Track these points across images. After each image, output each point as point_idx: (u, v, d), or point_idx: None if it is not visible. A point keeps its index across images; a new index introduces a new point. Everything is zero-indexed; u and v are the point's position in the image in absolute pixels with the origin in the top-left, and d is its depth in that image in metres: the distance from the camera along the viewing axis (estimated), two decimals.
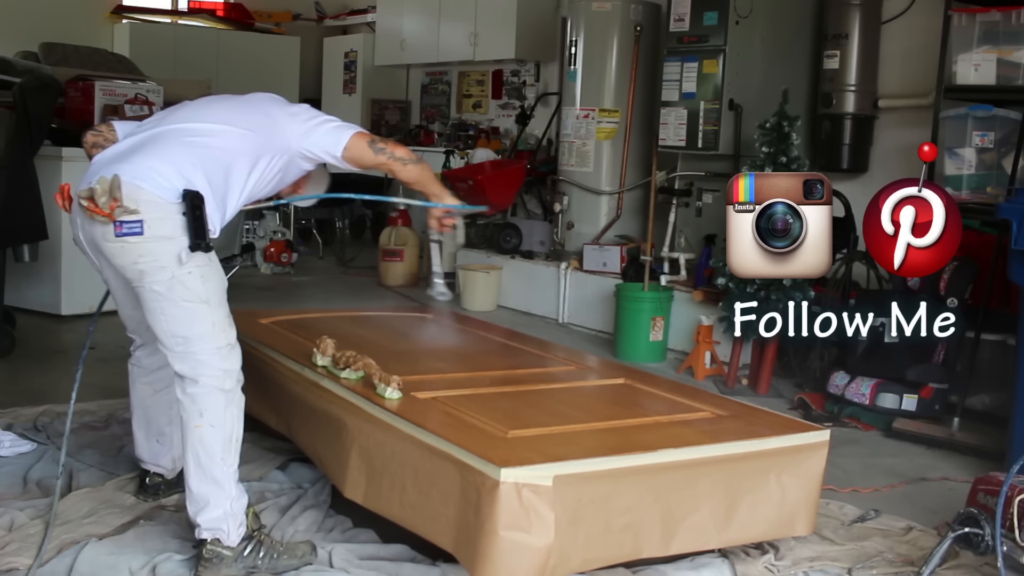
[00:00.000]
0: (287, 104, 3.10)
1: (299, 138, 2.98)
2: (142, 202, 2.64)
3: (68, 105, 6.20)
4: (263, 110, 3.01)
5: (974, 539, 2.68)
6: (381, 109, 10.64)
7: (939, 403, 4.47)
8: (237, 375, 2.81)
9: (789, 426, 3.11)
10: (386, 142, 3.05)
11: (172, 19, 11.42)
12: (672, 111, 6.18)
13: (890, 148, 5.79)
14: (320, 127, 3.01)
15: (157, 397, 3.16)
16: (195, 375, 2.74)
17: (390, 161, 3.03)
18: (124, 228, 2.63)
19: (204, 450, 2.73)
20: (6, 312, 5.28)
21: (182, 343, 2.74)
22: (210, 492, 2.73)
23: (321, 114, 3.09)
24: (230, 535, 2.74)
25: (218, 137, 2.86)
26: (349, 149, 2.99)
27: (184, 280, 2.69)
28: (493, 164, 7.72)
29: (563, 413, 3.07)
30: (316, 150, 3.00)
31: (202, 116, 2.93)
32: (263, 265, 8.15)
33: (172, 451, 3.21)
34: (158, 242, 2.66)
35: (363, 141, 3.00)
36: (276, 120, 2.98)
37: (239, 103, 3.04)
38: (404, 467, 2.74)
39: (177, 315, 2.72)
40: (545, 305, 6.81)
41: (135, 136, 2.87)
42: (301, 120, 3.01)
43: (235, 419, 2.80)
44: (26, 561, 2.74)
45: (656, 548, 2.71)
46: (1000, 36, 4.52)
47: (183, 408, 2.76)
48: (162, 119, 2.96)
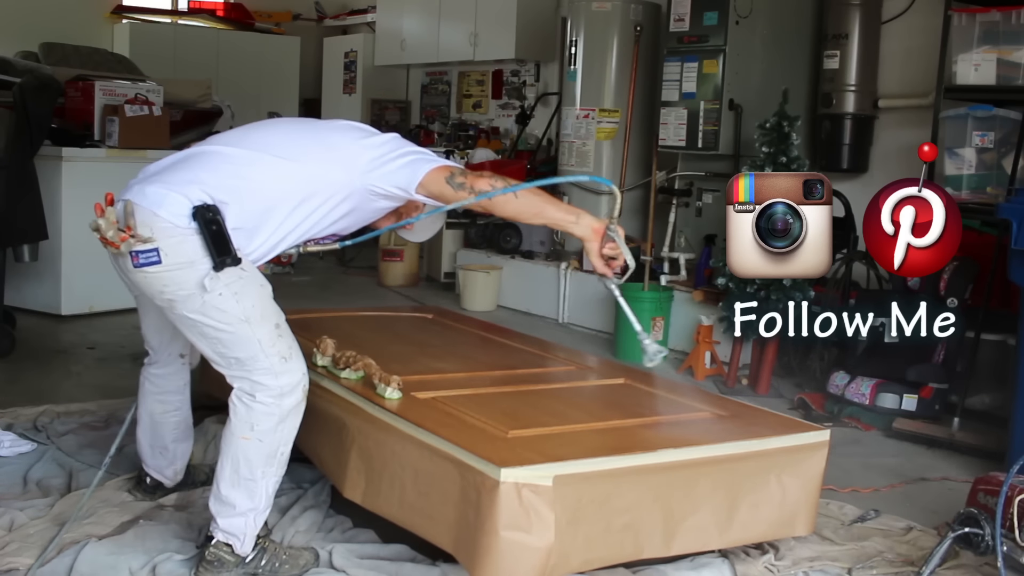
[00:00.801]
0: (366, 134, 2.77)
1: (365, 173, 2.65)
2: (156, 229, 2.50)
3: (68, 105, 6.21)
4: (327, 140, 2.72)
5: (974, 539, 2.68)
6: (381, 109, 10.64)
7: (939, 403, 4.47)
8: (298, 387, 2.67)
9: (789, 426, 3.11)
10: (467, 175, 2.61)
11: (172, 19, 11.42)
12: (672, 111, 6.18)
13: (890, 148, 5.79)
14: (394, 161, 2.65)
15: (166, 417, 3.12)
16: (252, 391, 2.62)
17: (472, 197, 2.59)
18: (141, 259, 2.50)
19: (245, 462, 2.63)
20: (6, 312, 5.28)
21: (235, 365, 2.62)
22: (238, 500, 2.65)
23: (407, 145, 2.72)
24: (244, 545, 2.69)
25: (256, 167, 2.63)
26: (425, 186, 2.61)
27: (216, 303, 2.54)
28: (493, 164, 7.72)
29: (563, 413, 3.06)
30: (387, 186, 2.66)
31: (248, 141, 2.71)
32: (263, 265, 8.14)
33: (174, 464, 3.20)
34: (179, 270, 2.52)
35: (441, 176, 2.60)
36: (339, 151, 2.68)
37: (302, 128, 2.80)
38: (404, 467, 2.74)
39: (220, 339, 2.59)
40: (545, 305, 6.81)
41: (175, 154, 2.73)
42: (375, 153, 2.67)
43: (287, 434, 2.68)
44: (26, 561, 2.74)
45: (657, 548, 2.71)
46: (1000, 36, 4.52)
47: (234, 413, 2.64)
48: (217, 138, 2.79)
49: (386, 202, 2.76)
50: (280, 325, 2.67)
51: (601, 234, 2.65)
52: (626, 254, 2.63)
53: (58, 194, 5.72)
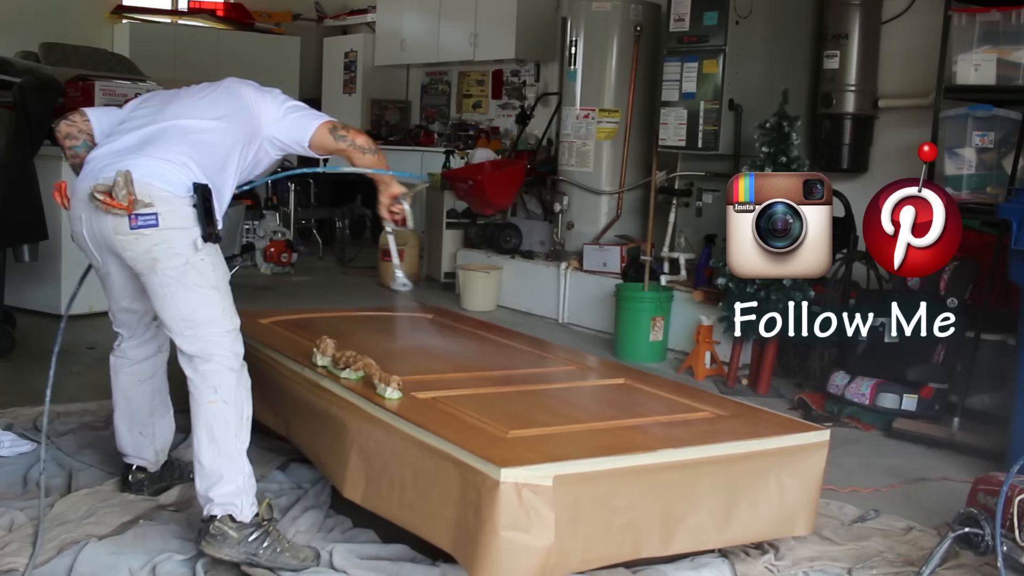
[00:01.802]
0: (260, 89, 3.12)
1: (271, 125, 3.03)
2: (156, 197, 2.72)
3: (68, 105, 6.19)
4: (241, 97, 3.05)
5: (974, 539, 2.68)
6: (381, 109, 10.64)
7: (939, 403, 4.47)
8: (243, 360, 2.87)
9: (789, 426, 3.11)
10: (348, 129, 3.09)
11: (172, 19, 11.42)
12: (672, 111, 6.18)
13: (890, 148, 5.79)
14: (289, 114, 3.05)
15: (140, 387, 3.18)
16: (206, 355, 2.78)
17: (349, 148, 3.07)
18: (140, 220, 2.70)
19: (219, 425, 2.76)
20: (6, 312, 5.28)
21: (191, 326, 2.78)
22: (223, 466, 2.75)
23: (290, 99, 3.12)
24: (243, 510, 2.75)
25: (214, 134, 2.92)
26: (314, 139, 3.05)
27: (197, 266, 2.76)
28: (493, 164, 7.72)
29: (563, 413, 3.06)
30: (284, 138, 3.06)
31: (196, 112, 2.98)
32: (263, 265, 8.15)
33: (155, 443, 3.23)
34: (172, 232, 2.73)
35: (326, 128, 3.04)
36: (252, 105, 3.03)
37: (221, 94, 3.07)
38: (404, 467, 2.74)
39: (188, 299, 2.77)
40: (545, 305, 6.81)
41: (132, 133, 2.91)
42: (275, 106, 3.05)
43: (245, 397, 2.84)
44: (26, 561, 2.74)
45: (655, 548, 2.71)
46: (1000, 36, 4.53)
47: (194, 385, 2.79)
48: (154, 115, 2.97)
49: (276, 153, 3.10)
50: (234, 305, 2.90)
51: (395, 196, 3.23)
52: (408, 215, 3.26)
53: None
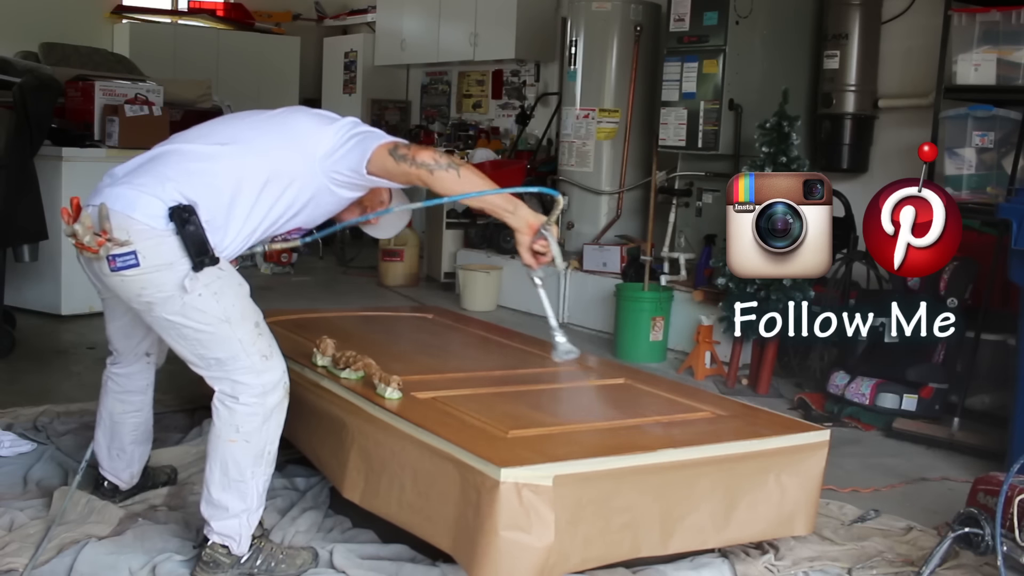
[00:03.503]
0: (325, 120, 2.70)
1: (323, 159, 2.61)
2: (133, 232, 2.46)
3: (68, 105, 6.21)
4: (286, 128, 2.68)
5: (974, 539, 2.68)
6: (381, 109, 10.64)
7: (939, 403, 4.47)
8: (280, 385, 2.67)
9: (789, 426, 3.11)
10: (409, 147, 2.59)
11: (172, 19, 11.42)
12: (672, 111, 6.18)
13: (890, 148, 5.79)
14: (347, 143, 2.61)
15: (125, 417, 3.08)
16: (235, 393, 2.60)
17: (414, 170, 2.55)
18: (118, 262, 2.47)
19: (234, 464, 2.62)
20: (6, 312, 5.28)
21: (215, 365, 2.60)
22: (231, 502, 2.65)
23: (360, 126, 2.67)
24: (240, 545, 2.69)
25: (222, 160, 2.60)
26: (373, 162, 2.58)
27: (196, 304, 2.52)
28: (493, 164, 7.72)
29: (563, 413, 3.06)
30: (342, 170, 2.62)
31: (211, 136, 2.70)
32: (263, 265, 8.15)
33: (131, 467, 3.15)
34: (158, 272, 2.49)
35: (385, 150, 2.58)
36: (298, 138, 2.64)
37: (262, 120, 2.75)
38: (403, 467, 2.74)
39: (200, 340, 2.56)
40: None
41: (139, 157, 2.68)
42: (331, 138, 2.63)
43: (273, 432, 2.67)
44: (26, 561, 2.74)
45: (655, 547, 2.70)
46: (1000, 36, 4.52)
47: (217, 417, 2.62)
48: (173, 137, 2.76)
49: (347, 191, 2.71)
50: (259, 324, 2.65)
51: (535, 230, 2.70)
52: (556, 255, 2.70)
53: (58, 194, 5.70)
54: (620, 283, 6.09)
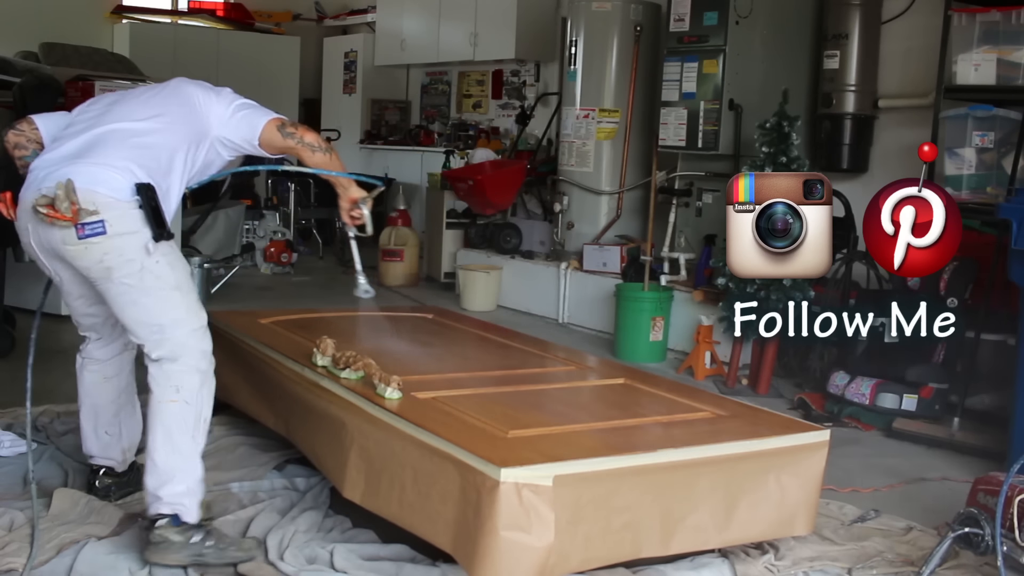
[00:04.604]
0: (210, 90, 3.06)
1: (220, 125, 2.98)
2: (100, 204, 2.68)
3: (68, 105, 6.13)
4: (187, 97, 2.99)
5: (974, 539, 2.68)
6: (381, 109, 10.64)
7: (939, 403, 4.47)
8: (211, 357, 2.86)
9: (789, 426, 3.11)
10: (297, 127, 3.03)
11: (172, 19, 11.42)
12: (672, 111, 6.18)
13: (890, 148, 5.79)
14: (238, 112, 3.00)
15: (106, 385, 3.18)
16: (174, 356, 2.77)
17: (298, 146, 3.01)
18: (87, 229, 2.66)
19: (177, 424, 2.75)
20: (6, 312, 5.28)
21: (157, 331, 2.77)
22: (176, 466, 2.76)
23: (240, 98, 3.06)
24: (191, 511, 2.76)
25: (156, 135, 2.87)
26: (263, 136, 2.99)
27: (154, 269, 2.73)
28: (493, 164, 7.73)
29: (563, 413, 3.06)
30: (235, 138, 3.01)
31: (137, 114, 2.93)
32: (263, 265, 8.16)
33: (121, 442, 3.22)
34: (122, 237, 2.70)
35: (274, 125, 2.99)
36: (199, 106, 2.97)
37: (167, 94, 3.02)
38: (403, 467, 2.74)
39: (150, 304, 2.76)
40: (545, 305, 6.81)
41: (75, 139, 2.85)
42: (224, 105, 3.00)
43: (207, 399, 2.84)
44: (24, 561, 2.73)
45: (655, 548, 2.71)
46: (1000, 36, 4.52)
47: (156, 384, 2.78)
48: (96, 118, 2.93)
49: (228, 154, 3.05)
50: (199, 300, 2.90)
51: (355, 201, 3.23)
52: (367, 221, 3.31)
53: None
54: (620, 283, 6.10)
